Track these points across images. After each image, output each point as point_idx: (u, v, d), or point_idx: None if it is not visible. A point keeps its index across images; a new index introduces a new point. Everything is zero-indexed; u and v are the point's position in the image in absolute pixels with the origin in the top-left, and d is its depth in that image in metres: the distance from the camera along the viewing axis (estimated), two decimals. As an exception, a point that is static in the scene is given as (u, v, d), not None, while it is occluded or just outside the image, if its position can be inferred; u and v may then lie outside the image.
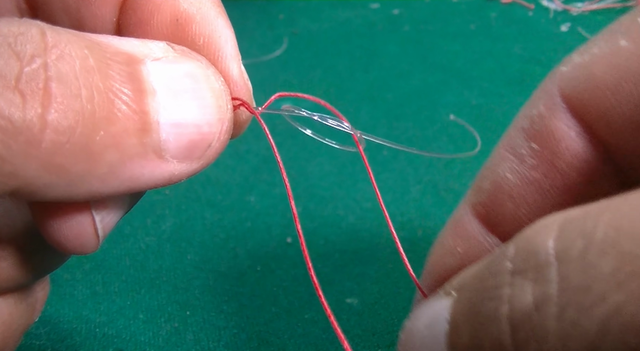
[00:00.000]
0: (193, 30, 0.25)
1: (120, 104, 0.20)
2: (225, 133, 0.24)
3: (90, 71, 0.20)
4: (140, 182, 0.22)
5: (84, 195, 0.21)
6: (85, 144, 0.19)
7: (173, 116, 0.22)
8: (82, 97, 0.19)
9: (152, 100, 0.21)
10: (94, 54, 0.20)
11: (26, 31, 0.19)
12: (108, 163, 0.20)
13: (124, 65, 0.21)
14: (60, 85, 0.19)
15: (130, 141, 0.21)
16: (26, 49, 0.19)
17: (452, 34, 0.84)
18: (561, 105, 0.22)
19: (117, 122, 0.20)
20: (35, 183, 0.19)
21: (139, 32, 0.25)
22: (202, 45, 0.25)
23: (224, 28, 0.25)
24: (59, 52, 0.19)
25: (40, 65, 0.19)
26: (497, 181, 0.24)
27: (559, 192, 0.23)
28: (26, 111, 0.18)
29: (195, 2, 0.25)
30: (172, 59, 0.23)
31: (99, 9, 0.26)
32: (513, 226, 0.24)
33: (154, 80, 0.21)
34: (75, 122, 0.19)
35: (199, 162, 0.23)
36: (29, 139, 0.18)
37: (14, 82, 0.18)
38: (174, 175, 0.23)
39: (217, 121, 0.23)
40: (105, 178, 0.21)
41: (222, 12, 0.26)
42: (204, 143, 0.23)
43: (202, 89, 0.23)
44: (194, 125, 0.22)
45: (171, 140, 0.22)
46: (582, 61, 0.21)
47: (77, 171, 0.20)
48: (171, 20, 0.25)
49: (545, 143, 0.22)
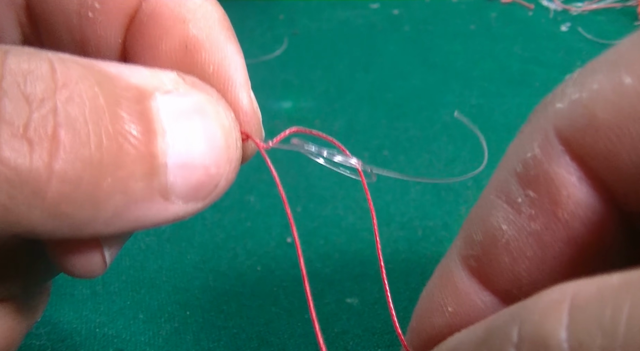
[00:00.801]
0: (202, 58, 0.24)
1: (129, 148, 0.20)
2: (232, 172, 0.23)
3: (100, 113, 0.19)
4: (144, 223, 0.21)
5: (88, 236, 0.21)
6: (91, 192, 0.19)
7: (181, 157, 0.21)
8: (90, 143, 0.19)
9: (161, 142, 0.20)
10: (104, 91, 0.20)
11: (35, 69, 0.18)
12: (113, 208, 0.20)
13: (134, 103, 0.20)
14: (69, 131, 0.18)
15: (137, 185, 0.20)
16: (36, 90, 0.18)
17: (452, 34, 0.84)
18: (559, 147, 0.19)
19: (125, 167, 0.20)
20: (38, 229, 0.19)
21: (146, 57, 0.25)
22: (211, 73, 0.24)
23: (233, 54, 0.25)
24: (69, 92, 0.19)
25: (49, 110, 0.18)
26: (491, 232, 0.21)
27: (563, 244, 0.20)
28: (33, 160, 0.18)
29: (204, 27, 0.24)
30: (182, 92, 0.22)
31: (103, 30, 0.25)
32: (511, 282, 0.21)
33: (163, 119, 0.21)
34: (83, 170, 0.19)
35: (204, 202, 0.23)
36: (34, 190, 0.18)
37: (22, 130, 0.18)
38: (178, 216, 0.22)
39: (225, 161, 0.23)
40: (109, 222, 0.20)
41: (232, 36, 0.25)
42: (211, 184, 0.22)
43: (212, 127, 0.22)
44: (203, 166, 0.22)
45: (178, 182, 0.21)
46: (581, 98, 0.19)
47: (81, 217, 0.19)
48: (180, 46, 0.24)
49: (543, 191, 0.20)
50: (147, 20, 0.24)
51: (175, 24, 0.24)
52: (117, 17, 0.25)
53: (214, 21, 0.25)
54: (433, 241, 0.48)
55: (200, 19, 0.24)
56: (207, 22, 0.24)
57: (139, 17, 0.25)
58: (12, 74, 0.18)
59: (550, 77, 0.73)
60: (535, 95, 0.69)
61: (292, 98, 0.70)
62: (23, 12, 0.26)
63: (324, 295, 0.43)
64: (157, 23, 0.24)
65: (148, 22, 0.24)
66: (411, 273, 0.45)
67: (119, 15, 0.25)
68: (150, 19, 0.24)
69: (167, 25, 0.24)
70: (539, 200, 0.20)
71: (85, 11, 0.24)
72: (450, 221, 0.50)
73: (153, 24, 0.24)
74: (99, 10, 0.24)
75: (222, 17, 0.25)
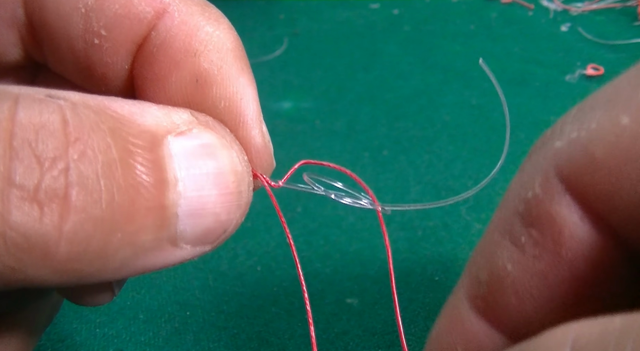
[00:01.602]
0: (214, 93, 0.23)
1: (140, 201, 0.19)
2: (242, 217, 0.23)
3: (112, 167, 0.19)
4: (151, 269, 0.21)
5: (95, 283, 0.20)
6: (101, 249, 0.19)
7: (192, 207, 0.21)
8: (102, 201, 0.18)
9: (172, 192, 0.20)
10: (116, 141, 0.19)
11: (47, 122, 0.18)
12: (121, 260, 0.20)
13: (146, 152, 0.20)
14: (81, 190, 0.18)
15: (146, 237, 0.20)
16: (47, 148, 0.17)
17: (452, 34, 0.84)
18: (560, 186, 0.19)
19: (135, 221, 0.19)
20: (46, 283, 0.19)
21: (156, 89, 0.24)
22: (222, 109, 0.23)
23: (246, 88, 0.24)
24: (82, 148, 0.18)
25: (61, 171, 0.18)
26: (496, 272, 0.21)
27: (568, 284, 0.20)
28: (43, 224, 0.17)
29: (216, 60, 0.23)
30: (196, 134, 0.21)
31: (110, 57, 0.24)
32: (520, 322, 0.21)
33: (176, 166, 0.20)
34: (94, 230, 0.18)
35: (212, 246, 0.22)
36: (43, 252, 0.17)
37: (32, 193, 0.17)
38: (185, 259, 0.22)
39: (236, 208, 0.22)
40: (117, 272, 0.20)
41: (245, 67, 0.24)
42: (220, 229, 0.22)
43: (225, 174, 0.22)
44: (213, 213, 0.21)
45: (188, 230, 0.21)
46: (579, 138, 0.19)
47: (89, 271, 0.19)
48: (190, 80, 0.23)
49: (546, 231, 0.20)
50: (156, 51, 0.24)
51: (185, 57, 0.23)
52: (124, 46, 0.24)
53: (226, 52, 0.24)
54: (433, 241, 0.48)
55: (212, 51, 0.23)
56: (219, 54, 0.23)
57: (148, 47, 0.24)
58: (23, 130, 0.17)
59: (550, 77, 0.73)
60: (535, 95, 0.69)
61: (292, 98, 0.70)
62: (26, 30, 0.25)
63: (324, 295, 0.43)
64: (167, 55, 0.23)
65: (157, 53, 0.23)
66: (411, 273, 0.45)
67: (126, 43, 0.24)
68: (159, 51, 0.23)
69: (177, 58, 0.23)
70: (542, 239, 0.20)
71: (90, 37, 0.24)
72: (450, 221, 0.50)
73: (163, 55, 0.23)
74: (105, 37, 0.24)
75: (235, 46, 0.24)
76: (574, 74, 0.73)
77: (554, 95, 0.69)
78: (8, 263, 0.17)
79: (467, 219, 0.49)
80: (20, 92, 0.18)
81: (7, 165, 0.17)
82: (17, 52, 0.26)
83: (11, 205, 0.17)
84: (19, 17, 0.24)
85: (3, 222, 0.17)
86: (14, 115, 0.17)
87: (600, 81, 0.71)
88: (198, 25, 0.23)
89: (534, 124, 0.63)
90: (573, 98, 0.68)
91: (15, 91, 0.18)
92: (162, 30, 0.23)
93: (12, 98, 0.18)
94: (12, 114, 0.17)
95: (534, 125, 0.63)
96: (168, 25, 0.23)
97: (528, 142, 0.27)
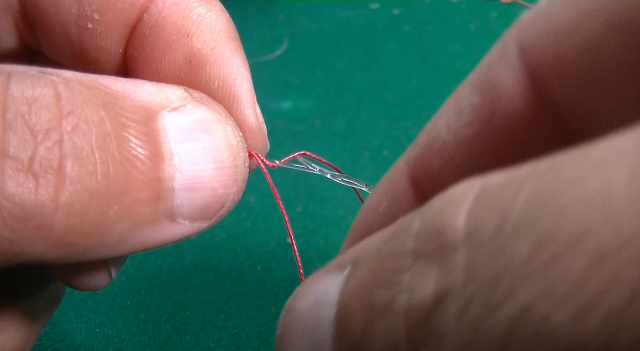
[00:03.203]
0: (207, 73, 0.23)
1: (136, 174, 0.19)
2: (239, 192, 0.23)
3: (106, 139, 0.19)
4: (150, 245, 0.21)
5: (93, 260, 0.20)
6: (97, 221, 0.19)
7: (188, 180, 0.21)
8: (97, 173, 0.18)
9: (168, 166, 0.20)
10: (110, 115, 0.19)
11: (40, 96, 0.18)
12: (119, 233, 0.19)
13: (140, 125, 0.20)
14: (76, 162, 0.18)
15: (143, 210, 0.20)
16: (41, 120, 0.17)
17: (452, 34, 0.84)
18: (514, 53, 0.19)
19: (132, 194, 0.19)
20: (43, 258, 0.19)
21: (149, 71, 0.24)
22: (216, 88, 0.23)
23: (239, 67, 0.24)
24: (75, 120, 0.18)
25: (55, 142, 0.18)
26: (432, 135, 0.21)
27: (491, 155, 0.19)
28: (38, 195, 0.17)
29: (209, 40, 0.23)
30: (190, 110, 0.21)
31: (103, 41, 0.24)
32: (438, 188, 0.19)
33: (171, 140, 0.20)
34: (89, 201, 0.18)
35: (210, 221, 0.22)
36: (40, 224, 0.17)
37: (27, 164, 0.17)
38: (184, 236, 0.22)
39: (232, 182, 0.22)
40: (115, 246, 0.20)
41: (238, 47, 0.24)
42: (218, 204, 0.22)
43: (220, 148, 0.22)
44: (210, 188, 0.21)
45: (185, 204, 0.21)
46: (544, 4, 0.18)
47: (87, 245, 0.19)
48: (184, 61, 0.23)
49: (486, 97, 0.19)
50: (149, 33, 0.24)
51: (178, 38, 0.23)
52: (117, 29, 0.24)
53: (219, 32, 0.24)
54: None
55: (205, 32, 0.23)
56: (211, 35, 0.23)
57: (141, 29, 0.24)
58: (16, 103, 0.17)
59: (550, 77, 0.73)
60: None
61: (292, 98, 0.70)
62: (20, 16, 0.25)
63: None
64: (160, 36, 0.23)
65: (150, 35, 0.24)
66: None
67: (119, 26, 0.24)
68: (152, 32, 0.23)
69: (170, 39, 0.23)
70: (479, 106, 0.20)
71: (84, 22, 0.24)
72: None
73: (155, 37, 0.23)
74: (98, 21, 0.24)
75: (228, 27, 0.24)
76: (574, 74, 0.73)
77: (554, 95, 0.69)
78: (5, 234, 0.17)
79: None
80: (13, 69, 0.18)
81: (0, 137, 0.17)
82: (11, 39, 0.26)
83: (6, 176, 0.17)
84: (12, 4, 0.24)
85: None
86: (6, 89, 0.17)
87: (600, 81, 0.71)
88: (190, 6, 0.23)
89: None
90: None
91: (8, 68, 0.18)
92: (154, 12, 0.23)
93: (4, 73, 0.18)
94: (5, 88, 0.17)
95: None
96: (160, 7, 0.23)
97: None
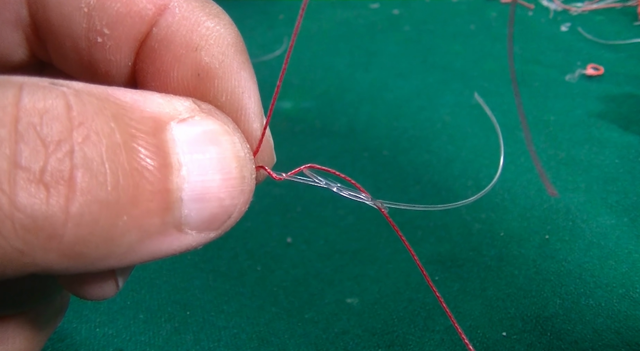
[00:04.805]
0: (215, 86, 0.24)
1: (145, 184, 0.19)
2: (246, 203, 0.23)
3: (116, 150, 0.19)
4: (157, 255, 0.21)
5: (101, 270, 0.20)
6: (107, 231, 0.19)
7: (196, 191, 0.21)
8: (107, 183, 0.18)
9: (176, 177, 0.20)
10: (120, 126, 0.19)
11: (51, 108, 0.18)
12: (128, 244, 0.20)
13: (150, 136, 0.20)
14: (86, 173, 0.18)
15: (152, 221, 0.20)
16: (52, 131, 0.18)
17: (452, 34, 0.84)
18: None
19: (141, 205, 0.19)
20: (53, 268, 0.19)
21: (158, 84, 0.24)
22: (224, 101, 0.24)
23: (247, 81, 0.24)
24: (86, 131, 0.18)
25: (66, 153, 0.18)
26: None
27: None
28: (49, 205, 0.17)
29: (217, 54, 0.24)
30: (198, 121, 0.22)
31: (113, 55, 0.24)
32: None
33: (179, 151, 0.20)
34: (99, 212, 0.18)
35: (217, 232, 0.23)
36: (50, 234, 0.18)
37: (38, 175, 0.17)
38: (191, 246, 0.22)
39: (239, 193, 0.22)
40: (123, 257, 0.20)
41: (246, 61, 0.24)
42: (225, 215, 0.22)
43: (227, 159, 0.22)
44: (217, 198, 0.22)
45: (192, 215, 0.21)
46: None
47: (96, 255, 0.19)
48: (192, 74, 0.23)
49: None
50: (158, 47, 0.24)
51: (187, 52, 0.23)
52: (126, 43, 0.24)
53: (227, 46, 0.24)
54: (432, 241, 0.48)
55: (213, 45, 0.24)
56: (220, 48, 0.24)
57: (150, 43, 0.24)
58: (28, 114, 0.18)
59: (550, 77, 0.73)
60: (535, 95, 0.69)
61: (292, 98, 0.70)
62: (30, 30, 0.26)
63: (324, 295, 0.43)
64: (169, 50, 0.24)
65: (159, 49, 0.24)
66: (411, 273, 0.45)
67: (128, 40, 0.24)
68: (161, 46, 0.24)
69: (178, 52, 0.23)
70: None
71: (93, 36, 0.24)
72: (449, 221, 0.50)
73: (164, 50, 0.24)
74: (108, 35, 0.24)
75: (236, 41, 0.24)
76: (574, 74, 0.73)
77: (554, 94, 0.69)
78: (16, 245, 0.17)
79: (467, 219, 0.49)
80: (24, 80, 0.19)
81: (12, 148, 0.17)
82: (22, 52, 0.26)
83: (18, 187, 0.17)
84: (23, 18, 0.25)
85: (10, 204, 0.17)
86: (18, 100, 0.18)
87: (600, 81, 0.71)
88: (199, 20, 0.24)
89: (533, 124, 0.63)
90: (573, 98, 0.68)
91: (20, 79, 0.19)
92: (164, 26, 0.24)
93: (16, 85, 0.18)
94: (17, 100, 0.18)
95: (533, 125, 0.63)
96: (169, 21, 0.24)
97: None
